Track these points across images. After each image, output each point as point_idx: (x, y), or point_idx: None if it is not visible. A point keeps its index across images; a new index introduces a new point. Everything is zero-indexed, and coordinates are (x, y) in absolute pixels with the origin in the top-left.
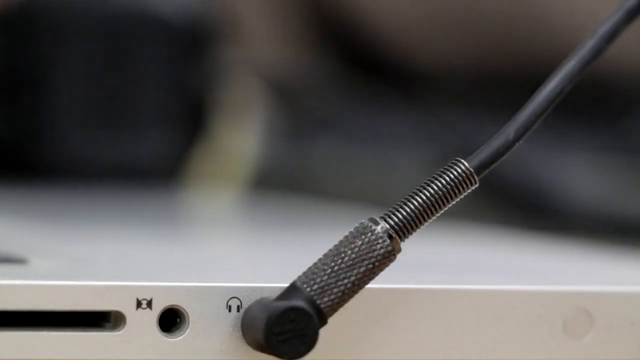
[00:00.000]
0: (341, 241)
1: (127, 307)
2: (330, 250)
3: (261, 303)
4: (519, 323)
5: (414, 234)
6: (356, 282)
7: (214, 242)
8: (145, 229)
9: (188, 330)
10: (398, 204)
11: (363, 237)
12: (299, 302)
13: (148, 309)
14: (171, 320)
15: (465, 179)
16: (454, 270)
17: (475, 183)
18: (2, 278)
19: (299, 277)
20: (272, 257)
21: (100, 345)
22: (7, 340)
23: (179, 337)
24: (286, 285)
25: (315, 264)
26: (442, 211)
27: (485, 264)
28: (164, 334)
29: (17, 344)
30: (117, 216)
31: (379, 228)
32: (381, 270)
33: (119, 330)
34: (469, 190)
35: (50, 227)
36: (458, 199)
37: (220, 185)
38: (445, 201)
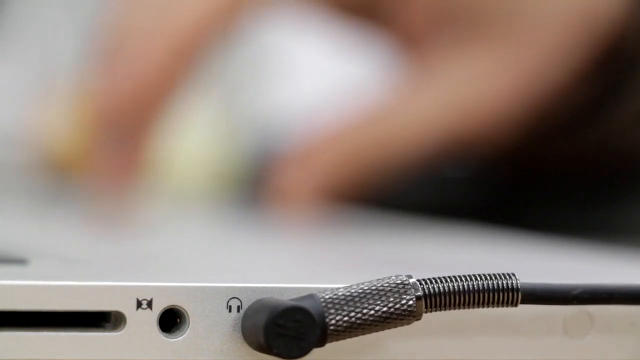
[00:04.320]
0: (372, 281)
1: (127, 307)
2: (360, 283)
3: (270, 299)
4: (519, 323)
5: (437, 311)
6: (368, 320)
7: (214, 242)
8: (145, 228)
9: (188, 330)
10: (441, 277)
11: (394, 286)
12: (311, 309)
13: (148, 309)
14: (171, 320)
15: (507, 294)
16: (453, 270)
17: (515, 305)
18: (2, 278)
19: (321, 291)
20: (272, 257)
21: (100, 346)
22: (7, 340)
23: (179, 338)
24: (286, 285)
25: (344, 287)
26: (472, 308)
27: (485, 264)
28: (164, 334)
29: (17, 344)
30: (117, 216)
31: (412, 285)
32: (394, 324)
33: (119, 331)
34: (504, 307)
35: (50, 227)
36: (491, 307)
37: (220, 185)
38: (480, 301)
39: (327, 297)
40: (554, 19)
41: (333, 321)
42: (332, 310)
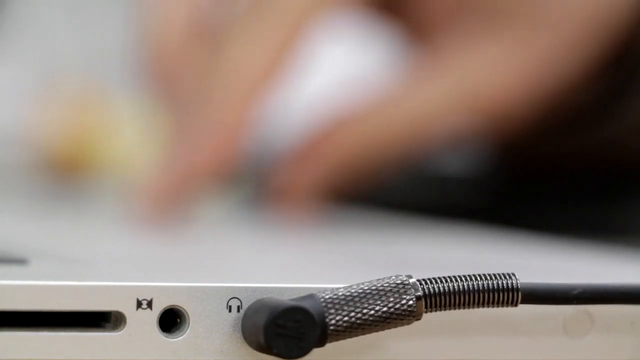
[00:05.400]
0: (372, 281)
1: (127, 307)
2: (361, 283)
3: (270, 299)
4: (519, 323)
5: (437, 311)
6: (368, 320)
7: (214, 242)
8: (146, 228)
9: (188, 330)
10: (441, 277)
11: (394, 286)
12: (311, 309)
13: (148, 309)
14: (171, 320)
15: (507, 294)
16: (453, 270)
17: (515, 305)
18: (2, 278)
19: (321, 291)
20: (272, 257)
21: (100, 346)
22: (7, 340)
23: (179, 338)
24: (286, 285)
25: (344, 287)
26: (472, 308)
27: (485, 264)
28: (164, 334)
29: (17, 344)
30: (117, 216)
31: (412, 285)
32: (394, 324)
33: (119, 331)
34: (504, 307)
35: (50, 227)
36: (491, 307)
37: (219, 185)
38: (480, 301)
39: (327, 297)
40: (568, 14)
41: (333, 321)
42: (332, 310)
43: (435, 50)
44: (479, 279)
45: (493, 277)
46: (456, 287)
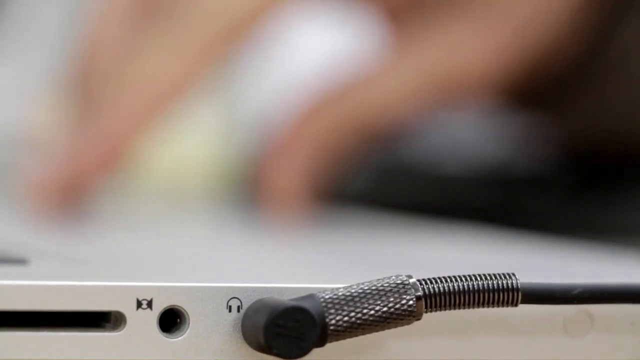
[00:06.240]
0: (372, 281)
1: (127, 307)
2: (360, 283)
3: (270, 299)
4: (519, 323)
5: (437, 311)
6: (368, 320)
7: (214, 242)
8: (145, 228)
9: (188, 330)
10: (441, 277)
11: (394, 286)
12: (311, 309)
13: (148, 309)
14: (171, 320)
15: (507, 294)
16: (453, 270)
17: (515, 305)
18: (2, 278)
19: (321, 291)
20: (272, 257)
21: (100, 346)
22: (7, 340)
23: (179, 338)
24: (286, 285)
25: (344, 287)
26: (472, 308)
27: (485, 264)
28: (164, 334)
29: (17, 344)
30: (116, 216)
31: (412, 285)
32: (394, 324)
33: (119, 331)
34: (504, 307)
35: (50, 227)
36: (491, 307)
37: (219, 185)
38: (480, 301)
39: (327, 297)
40: None
41: (333, 321)
42: (332, 310)
43: (405, 34)
44: (479, 279)
45: (493, 277)
46: (456, 287)
